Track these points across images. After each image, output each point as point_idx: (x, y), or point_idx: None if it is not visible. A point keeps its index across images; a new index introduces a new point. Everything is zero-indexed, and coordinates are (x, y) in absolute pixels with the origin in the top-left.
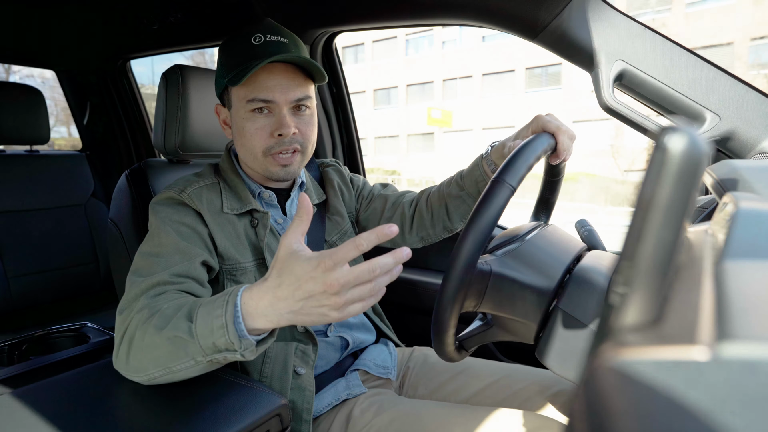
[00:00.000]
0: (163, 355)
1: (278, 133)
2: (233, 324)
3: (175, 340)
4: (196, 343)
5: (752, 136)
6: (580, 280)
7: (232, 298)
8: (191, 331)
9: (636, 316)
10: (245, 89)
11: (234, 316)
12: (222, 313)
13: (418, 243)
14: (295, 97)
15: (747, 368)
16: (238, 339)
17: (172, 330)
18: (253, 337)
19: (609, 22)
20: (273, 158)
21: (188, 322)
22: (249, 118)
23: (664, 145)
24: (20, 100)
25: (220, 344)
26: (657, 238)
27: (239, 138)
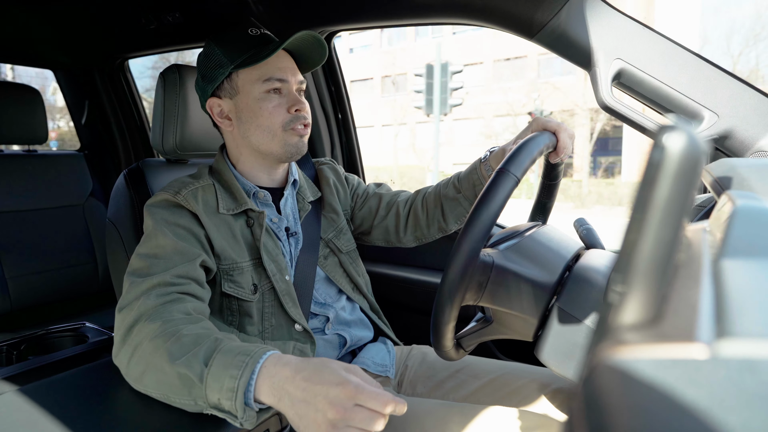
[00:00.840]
0: (167, 385)
1: (295, 108)
2: (243, 392)
3: (184, 377)
4: (202, 390)
5: (750, 135)
6: (579, 278)
7: (252, 362)
8: (203, 377)
9: (635, 314)
10: (259, 71)
11: (247, 384)
12: (237, 375)
13: (413, 242)
14: (300, 79)
15: (745, 366)
16: (243, 410)
17: (184, 367)
18: (256, 405)
19: (607, 21)
20: (292, 131)
21: (203, 366)
22: (265, 98)
23: (662, 143)
24: (18, 99)
25: (224, 406)
26: (655, 236)
27: (254, 119)
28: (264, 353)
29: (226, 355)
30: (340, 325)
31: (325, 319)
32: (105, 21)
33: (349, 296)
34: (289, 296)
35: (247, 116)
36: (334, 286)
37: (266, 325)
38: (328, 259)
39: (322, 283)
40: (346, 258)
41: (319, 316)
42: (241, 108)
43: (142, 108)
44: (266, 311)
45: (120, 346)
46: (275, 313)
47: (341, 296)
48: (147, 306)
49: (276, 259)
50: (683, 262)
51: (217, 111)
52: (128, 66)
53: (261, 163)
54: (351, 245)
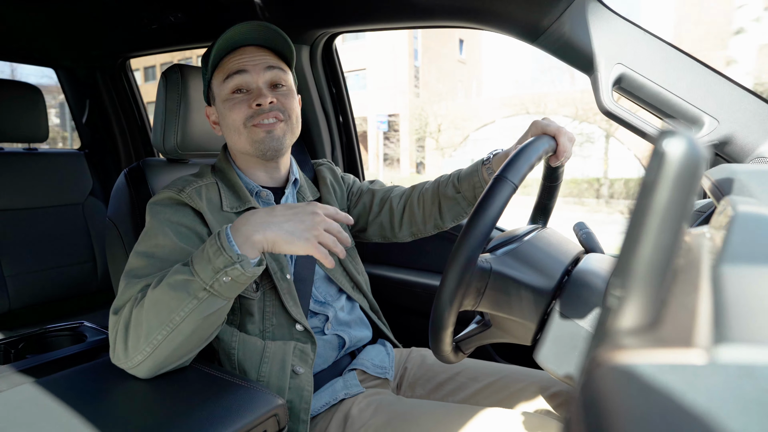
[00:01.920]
0: (164, 309)
1: (256, 103)
2: (227, 243)
3: (175, 284)
4: (196, 279)
5: (750, 141)
6: (578, 282)
7: (222, 230)
8: (191, 269)
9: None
10: (221, 73)
11: (227, 239)
12: (215, 242)
13: (409, 237)
14: (267, 64)
15: (744, 372)
16: (236, 254)
17: (172, 276)
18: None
19: (608, 26)
20: (254, 126)
21: (185, 267)
22: (229, 98)
23: (662, 149)
24: (19, 97)
25: (218, 264)
26: (655, 241)
27: (223, 121)
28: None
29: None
30: (339, 326)
31: (325, 319)
32: (107, 20)
33: (349, 295)
34: (290, 295)
35: (221, 120)
36: (333, 285)
37: (267, 324)
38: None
39: (321, 281)
40: (345, 256)
41: (318, 315)
42: (218, 113)
43: (143, 107)
44: (267, 310)
45: (114, 344)
46: (276, 312)
47: (341, 295)
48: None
49: (277, 257)
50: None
51: (212, 118)
52: (130, 65)
53: (254, 163)
54: (350, 243)
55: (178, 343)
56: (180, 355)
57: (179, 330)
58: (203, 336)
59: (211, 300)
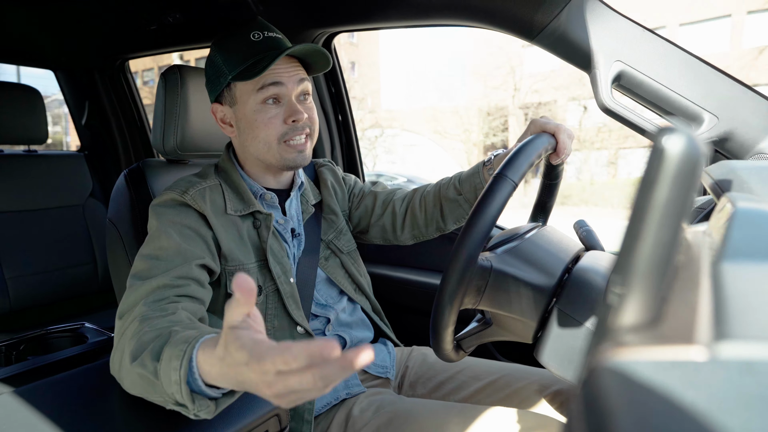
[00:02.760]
0: (139, 386)
1: (292, 119)
2: (186, 383)
3: (144, 378)
4: (161, 387)
5: (750, 137)
6: (579, 280)
7: (189, 351)
8: (156, 373)
9: (634, 316)
10: (255, 81)
11: (189, 373)
12: (178, 366)
13: (411, 240)
14: (300, 78)
15: (744, 368)
16: (191, 401)
17: (140, 367)
18: (214, 392)
19: (607, 24)
20: (287, 145)
21: (155, 363)
22: (260, 109)
23: (662, 146)
24: (18, 99)
25: (178, 399)
26: (655, 238)
27: (250, 131)
28: (200, 338)
29: (172, 348)
30: (340, 327)
31: (326, 321)
32: (105, 21)
33: (351, 297)
34: (293, 298)
35: (244, 126)
36: (335, 287)
37: (269, 327)
38: (329, 261)
39: (323, 284)
40: (347, 258)
41: (320, 317)
42: (240, 118)
43: (142, 108)
44: (269, 313)
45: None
46: (278, 315)
47: (342, 297)
48: (141, 312)
49: (281, 261)
50: (683, 265)
51: (220, 116)
52: (128, 66)
53: (266, 169)
54: (351, 245)
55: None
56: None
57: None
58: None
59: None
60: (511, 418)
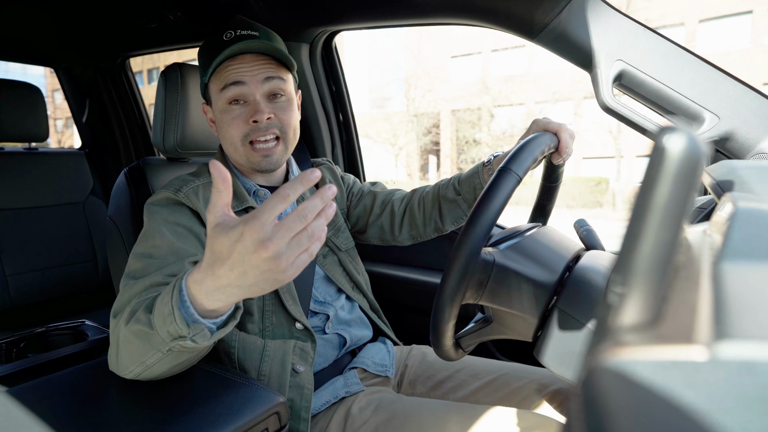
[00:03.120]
0: (136, 350)
1: (253, 119)
2: (179, 309)
3: (139, 333)
4: (156, 334)
5: (751, 137)
6: (579, 279)
7: (178, 282)
8: (150, 322)
9: (634, 315)
10: (218, 81)
11: (180, 302)
12: (169, 300)
13: (409, 241)
14: (265, 75)
15: (744, 368)
16: (186, 325)
17: (136, 323)
18: (209, 321)
19: (608, 22)
20: (252, 148)
21: (148, 314)
22: (226, 110)
23: (662, 145)
24: (19, 97)
25: (172, 332)
26: (655, 238)
27: (220, 131)
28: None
29: (163, 294)
30: (339, 325)
31: (325, 318)
32: (106, 19)
33: (348, 295)
34: (290, 294)
35: (218, 126)
36: (333, 285)
37: (267, 323)
38: (327, 258)
39: (321, 282)
40: (345, 256)
41: (319, 314)
42: (215, 117)
43: (143, 106)
44: (267, 309)
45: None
46: (276, 311)
47: (340, 295)
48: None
49: None
50: (683, 264)
51: (209, 116)
52: (129, 64)
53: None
54: (350, 243)
55: (159, 374)
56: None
57: (153, 370)
58: (189, 365)
59: (177, 354)
60: (511, 417)
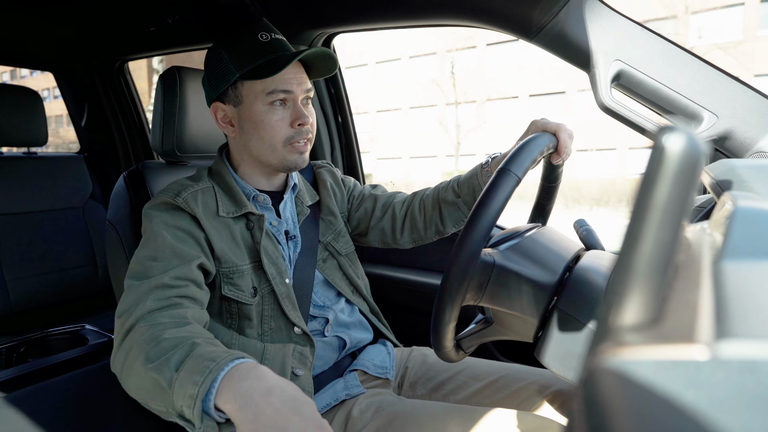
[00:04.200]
0: (144, 390)
1: (299, 122)
2: (201, 400)
3: (155, 383)
4: (170, 397)
5: (750, 136)
6: (579, 279)
7: (217, 368)
8: (171, 382)
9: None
10: (264, 84)
11: (207, 391)
12: (200, 381)
13: (410, 244)
14: (307, 87)
15: (745, 367)
16: (201, 418)
17: (156, 372)
18: (220, 416)
19: (606, 23)
20: (292, 147)
21: (173, 372)
22: (268, 110)
23: (661, 144)
24: (18, 101)
25: (185, 414)
26: (655, 237)
27: (255, 131)
28: (232, 359)
29: (195, 361)
30: (339, 328)
31: (325, 321)
32: (105, 23)
33: (348, 299)
34: (289, 299)
35: (249, 126)
36: (332, 289)
37: (266, 328)
38: (326, 262)
39: (320, 285)
40: (345, 260)
41: (318, 318)
42: (244, 118)
43: (141, 110)
44: (266, 314)
45: (116, 351)
46: (275, 316)
47: (340, 299)
48: (143, 311)
49: (276, 262)
50: (683, 264)
51: (220, 116)
52: (128, 68)
53: (261, 170)
54: (350, 248)
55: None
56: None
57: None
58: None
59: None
60: (512, 419)
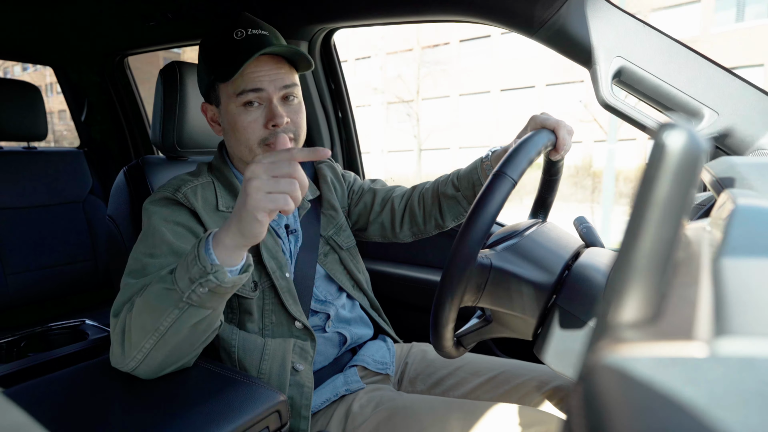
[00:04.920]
0: (149, 318)
1: (272, 123)
2: (204, 251)
3: (157, 293)
4: (176, 288)
5: (750, 133)
6: (579, 276)
7: (204, 236)
8: (172, 279)
9: (634, 312)
10: (234, 84)
11: (205, 247)
12: (193, 249)
13: (410, 237)
14: (283, 84)
15: (744, 364)
16: (209, 263)
17: (156, 284)
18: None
19: (608, 19)
20: (268, 147)
21: (169, 274)
22: (241, 112)
23: (662, 141)
24: (17, 96)
25: (194, 274)
26: (655, 234)
27: (232, 133)
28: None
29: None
30: (340, 323)
31: (326, 317)
32: (105, 18)
33: (349, 294)
34: (290, 293)
35: (227, 127)
36: (334, 284)
37: (266, 322)
38: (328, 257)
39: (322, 280)
40: (346, 255)
41: (319, 313)
42: (223, 118)
43: (141, 105)
44: (266, 308)
45: (112, 348)
46: (275, 310)
47: (341, 294)
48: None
49: (276, 256)
50: (683, 261)
51: (210, 115)
52: (128, 63)
53: None
54: (351, 242)
55: (168, 350)
56: (175, 360)
57: (165, 339)
58: (195, 342)
59: (192, 310)
60: (511, 414)
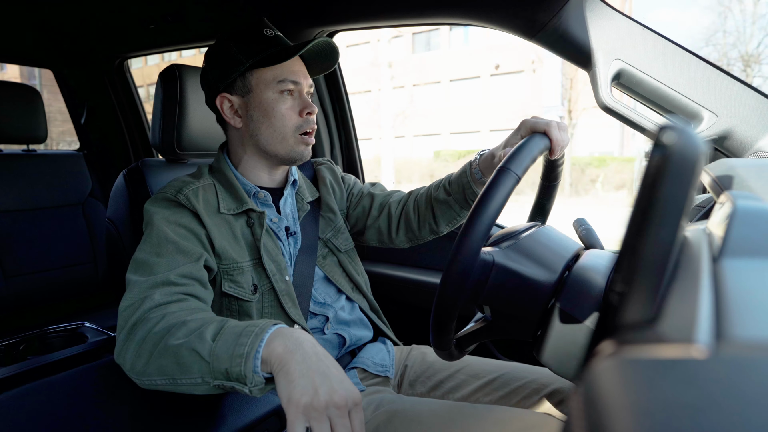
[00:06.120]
0: (173, 368)
1: (307, 111)
2: (252, 357)
3: (190, 355)
4: (209, 365)
5: (749, 135)
6: (579, 278)
7: (261, 330)
8: (210, 351)
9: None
10: (274, 72)
11: (256, 350)
12: (246, 342)
13: (406, 243)
14: (309, 83)
15: (744, 366)
16: (252, 373)
17: (190, 345)
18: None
19: (607, 22)
20: (302, 138)
21: (210, 342)
22: (279, 98)
23: (662, 143)
24: (17, 99)
25: (233, 373)
26: (655, 236)
27: (266, 119)
28: (273, 324)
29: (234, 328)
30: (339, 325)
31: (325, 319)
32: (105, 21)
33: (348, 296)
34: (289, 296)
35: (258, 115)
36: (333, 286)
37: None
38: (326, 259)
39: (321, 282)
40: (345, 257)
41: (318, 315)
42: (253, 106)
43: (141, 107)
44: (266, 311)
45: (123, 343)
46: (275, 313)
47: (340, 296)
48: (152, 304)
49: (276, 259)
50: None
51: (227, 107)
52: (128, 65)
53: (264, 163)
54: (349, 244)
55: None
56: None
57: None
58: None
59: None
60: (511, 416)
